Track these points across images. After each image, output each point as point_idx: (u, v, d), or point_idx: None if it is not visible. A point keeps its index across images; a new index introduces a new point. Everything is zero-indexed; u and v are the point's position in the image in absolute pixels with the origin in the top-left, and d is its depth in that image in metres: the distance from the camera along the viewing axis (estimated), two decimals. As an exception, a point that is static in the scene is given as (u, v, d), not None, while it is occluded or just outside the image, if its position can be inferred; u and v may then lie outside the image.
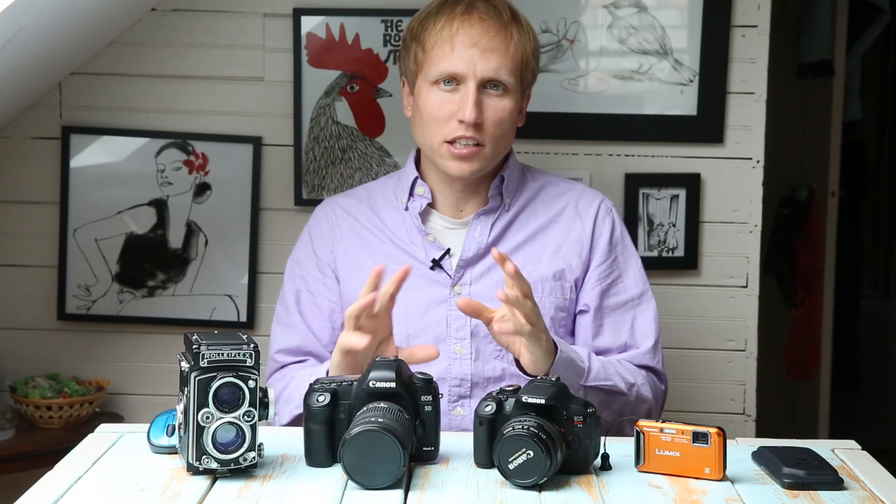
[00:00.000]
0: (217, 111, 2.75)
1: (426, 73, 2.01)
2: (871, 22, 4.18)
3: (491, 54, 1.97)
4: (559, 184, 2.16)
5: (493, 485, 1.53)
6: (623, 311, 2.08)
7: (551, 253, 2.07)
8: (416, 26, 2.04)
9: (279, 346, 2.11)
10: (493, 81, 1.99)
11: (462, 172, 2.00)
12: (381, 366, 1.60)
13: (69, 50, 2.64)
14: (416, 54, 2.03)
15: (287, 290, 2.14)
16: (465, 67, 1.97)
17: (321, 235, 2.13)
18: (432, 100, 2.00)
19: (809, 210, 3.96)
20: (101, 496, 1.47)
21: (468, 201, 2.08)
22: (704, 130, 2.73)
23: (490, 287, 2.02)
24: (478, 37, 1.97)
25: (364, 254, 2.08)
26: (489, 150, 2.00)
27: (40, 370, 2.75)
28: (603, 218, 2.11)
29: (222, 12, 2.73)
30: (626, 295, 2.09)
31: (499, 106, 1.99)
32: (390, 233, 2.09)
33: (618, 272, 2.09)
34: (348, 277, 2.08)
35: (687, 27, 2.71)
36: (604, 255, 2.08)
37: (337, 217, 2.13)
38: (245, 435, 1.52)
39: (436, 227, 2.08)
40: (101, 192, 2.76)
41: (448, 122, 1.99)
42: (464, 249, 2.05)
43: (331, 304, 2.09)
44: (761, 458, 1.63)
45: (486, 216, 2.07)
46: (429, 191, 2.08)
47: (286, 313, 2.12)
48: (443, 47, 1.98)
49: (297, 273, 2.13)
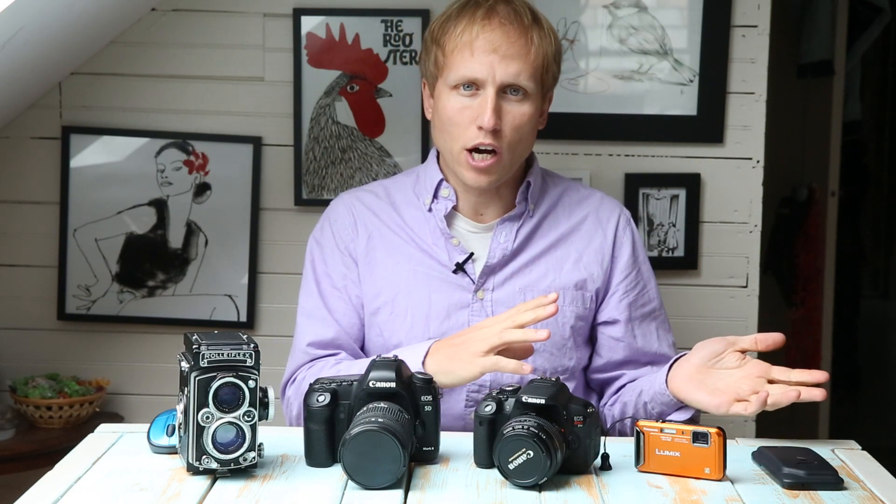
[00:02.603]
0: (217, 111, 2.75)
1: (446, 78, 1.98)
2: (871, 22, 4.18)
3: (511, 60, 1.94)
4: (578, 189, 2.13)
5: (493, 485, 1.53)
6: (649, 321, 2.07)
7: (573, 262, 2.04)
8: (437, 29, 2.01)
9: (311, 338, 2.04)
10: (512, 87, 1.95)
11: (479, 184, 1.98)
12: (381, 366, 1.60)
13: (69, 50, 2.64)
14: (436, 57, 2.00)
15: (311, 284, 2.07)
16: (485, 73, 1.94)
17: (345, 229, 2.08)
18: (451, 104, 1.97)
19: (809, 210, 3.96)
20: (101, 496, 1.47)
21: (489, 206, 2.05)
22: (704, 130, 2.73)
23: (512, 294, 2.01)
24: (498, 42, 1.94)
25: (385, 253, 2.05)
26: (506, 158, 1.97)
27: (40, 370, 2.75)
28: (623, 228, 2.09)
29: (222, 12, 2.73)
30: (650, 306, 2.08)
31: (518, 111, 1.96)
32: (413, 233, 2.06)
33: (642, 283, 2.08)
34: (368, 276, 2.05)
35: (687, 27, 2.72)
36: (628, 268, 2.07)
37: (358, 211, 2.09)
38: (245, 435, 1.52)
39: (459, 231, 2.05)
40: (101, 192, 2.76)
41: (467, 127, 1.95)
42: (489, 255, 2.02)
43: (357, 298, 2.05)
44: (761, 458, 1.63)
45: (510, 222, 2.04)
46: (454, 193, 2.05)
47: (314, 306, 2.06)
48: (462, 52, 1.95)
49: (322, 269, 2.08)
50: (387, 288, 2.03)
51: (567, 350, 2.02)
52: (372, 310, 2.03)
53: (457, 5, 2.01)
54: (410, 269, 2.02)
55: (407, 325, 2.01)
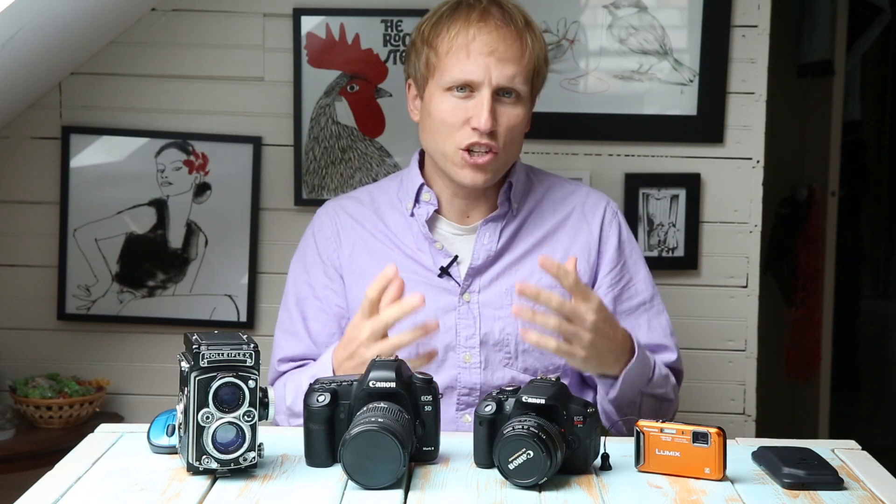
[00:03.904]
0: (217, 111, 2.75)
1: (439, 79, 1.97)
2: (871, 22, 4.18)
3: (507, 62, 1.94)
4: (564, 185, 2.13)
5: (493, 485, 1.53)
6: (637, 315, 2.06)
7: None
8: (428, 30, 1.99)
9: (282, 353, 2.06)
10: (506, 89, 1.95)
11: (476, 182, 1.97)
12: (381, 366, 1.60)
13: (69, 50, 2.64)
14: (427, 58, 1.99)
15: (291, 297, 2.09)
16: (481, 75, 1.93)
17: (326, 240, 2.08)
18: (445, 106, 1.96)
19: (809, 210, 3.96)
20: (101, 496, 1.47)
21: (475, 208, 2.05)
22: (704, 130, 2.73)
23: (499, 295, 2.01)
24: (494, 44, 1.94)
25: (369, 260, 2.04)
26: (502, 158, 1.97)
27: (40, 370, 2.75)
28: (609, 221, 2.08)
29: (222, 12, 2.73)
30: (638, 298, 2.07)
31: (512, 113, 1.96)
32: (396, 239, 2.06)
33: (628, 276, 2.07)
34: (354, 285, 2.05)
35: (687, 27, 2.72)
36: (613, 261, 2.06)
37: (341, 221, 2.09)
38: (245, 435, 1.52)
39: (442, 234, 2.05)
40: (101, 192, 2.76)
41: (461, 128, 1.95)
42: (473, 257, 2.02)
43: (339, 309, 2.06)
44: (761, 458, 1.63)
45: (494, 223, 2.04)
46: (435, 197, 2.04)
47: (289, 320, 2.08)
48: (458, 54, 1.94)
49: (303, 280, 2.08)
50: None
51: None
52: None
53: (447, 7, 2.00)
54: None
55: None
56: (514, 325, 1.99)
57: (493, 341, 1.99)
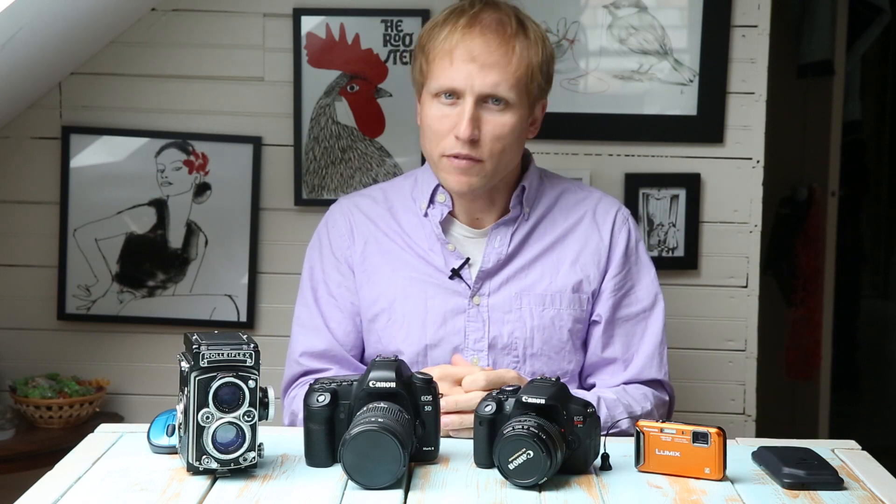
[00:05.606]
0: (217, 111, 2.75)
1: (428, 86, 1.96)
2: (871, 22, 4.18)
3: (490, 69, 1.91)
4: (577, 191, 2.11)
5: (493, 485, 1.53)
6: (634, 324, 2.05)
7: (569, 264, 2.03)
8: (424, 36, 1.99)
9: (303, 348, 2.04)
10: (492, 97, 1.93)
11: (461, 187, 1.96)
12: (381, 366, 1.60)
13: (69, 50, 2.64)
14: (421, 65, 1.98)
15: (308, 292, 2.08)
16: (463, 82, 1.91)
17: (340, 237, 2.07)
18: (433, 113, 1.95)
19: (809, 210, 3.96)
20: (101, 496, 1.47)
21: (486, 211, 2.04)
22: (704, 130, 2.73)
23: (508, 298, 2.00)
24: (477, 51, 1.91)
25: (382, 260, 2.04)
26: (489, 167, 1.95)
27: (40, 370, 2.75)
28: (619, 228, 2.07)
29: (222, 12, 2.73)
30: (637, 307, 2.05)
31: (499, 121, 1.93)
32: (409, 239, 2.05)
33: (630, 283, 2.06)
34: (365, 283, 2.04)
35: (687, 27, 2.72)
36: (619, 267, 2.05)
37: (355, 218, 2.08)
38: (245, 435, 1.52)
39: (455, 236, 2.04)
40: (101, 192, 2.76)
41: (445, 136, 1.94)
42: (484, 260, 2.01)
43: (353, 306, 2.05)
44: (761, 458, 1.63)
45: (505, 226, 2.03)
46: (449, 198, 2.03)
47: (309, 316, 2.06)
48: (443, 60, 1.93)
49: (319, 277, 2.08)
50: (384, 295, 2.02)
51: (566, 353, 2.02)
52: (370, 317, 2.03)
53: (445, 12, 1.99)
54: (407, 276, 2.02)
55: (404, 331, 2.01)
56: (522, 329, 1.99)
57: (501, 345, 1.99)
